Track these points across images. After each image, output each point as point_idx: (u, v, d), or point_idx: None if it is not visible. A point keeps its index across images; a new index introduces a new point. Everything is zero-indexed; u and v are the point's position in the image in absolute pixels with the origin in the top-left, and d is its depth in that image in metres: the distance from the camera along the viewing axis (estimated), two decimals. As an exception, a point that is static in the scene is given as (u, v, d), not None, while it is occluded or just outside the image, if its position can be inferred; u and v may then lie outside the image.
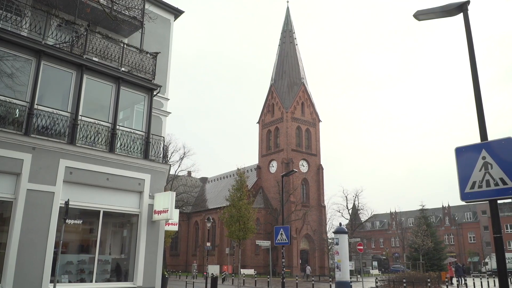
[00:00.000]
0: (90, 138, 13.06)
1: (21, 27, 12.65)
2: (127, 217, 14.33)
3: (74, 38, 13.54)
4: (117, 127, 13.78)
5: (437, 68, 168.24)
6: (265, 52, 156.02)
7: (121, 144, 13.75)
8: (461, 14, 6.28)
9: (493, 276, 47.58)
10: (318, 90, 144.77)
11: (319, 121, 65.74)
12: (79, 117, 12.84)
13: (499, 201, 5.24)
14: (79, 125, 12.78)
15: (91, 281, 12.50)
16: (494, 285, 33.32)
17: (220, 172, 78.50)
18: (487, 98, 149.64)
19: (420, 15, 6.78)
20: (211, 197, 70.01)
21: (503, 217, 76.70)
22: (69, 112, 12.77)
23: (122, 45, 14.60)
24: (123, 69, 14.32)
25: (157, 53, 15.63)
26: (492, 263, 61.34)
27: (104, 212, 13.21)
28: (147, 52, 15.34)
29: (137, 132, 14.45)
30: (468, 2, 6.22)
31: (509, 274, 46.52)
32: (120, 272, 13.83)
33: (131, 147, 14.00)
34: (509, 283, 5.22)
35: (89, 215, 13.40)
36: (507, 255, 59.29)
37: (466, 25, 6.15)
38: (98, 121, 13.40)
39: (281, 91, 64.15)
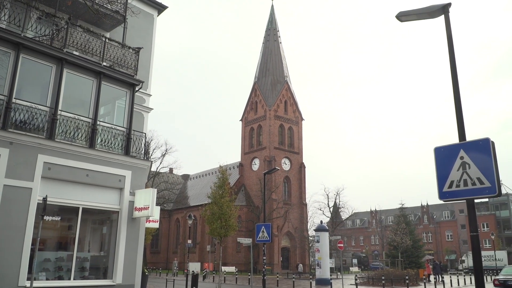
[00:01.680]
0: (70, 133, 12.85)
1: (0, 19, 12.34)
2: (107, 214, 14.16)
3: (54, 31, 13.29)
4: (98, 122, 13.60)
5: (417, 69, 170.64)
6: (250, 50, 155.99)
7: (101, 140, 13.57)
8: (443, 16, 6.36)
9: (470, 273, 48.58)
10: (301, 88, 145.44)
11: (302, 119, 66.04)
12: (59, 112, 12.63)
13: (476, 200, 5.33)
14: (59, 120, 12.57)
15: (69, 279, 12.34)
16: (471, 282, 34.02)
17: (202, 169, 78.28)
18: (465, 99, 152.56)
19: (402, 16, 6.85)
20: (193, 195, 69.71)
21: (479, 216, 78.34)
22: (48, 107, 12.55)
23: (103, 40, 14.39)
24: (104, 63, 14.12)
25: (139, 48, 15.45)
26: (468, 260, 62.61)
27: (83, 208, 13.03)
28: (129, 47, 15.15)
29: (118, 128, 14.28)
30: (449, 5, 6.31)
31: (485, 272, 47.63)
32: (99, 269, 13.68)
33: (111, 143, 13.84)
34: (485, 280, 5.33)
35: (68, 212, 13.20)
36: (483, 253, 60.69)
37: (447, 27, 6.24)
38: (78, 116, 13.20)
39: (264, 89, 64.20)
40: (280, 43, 68.56)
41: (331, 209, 60.59)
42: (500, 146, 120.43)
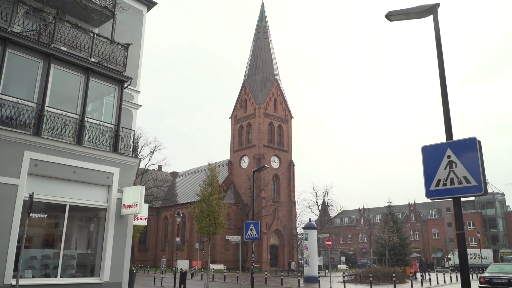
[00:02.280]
0: (57, 129, 12.71)
1: (-15, 13, 12.15)
2: (95, 211, 14.06)
3: (41, 26, 13.11)
4: (86, 119, 13.47)
5: (405, 68, 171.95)
6: (240, 47, 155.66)
7: (89, 137, 13.45)
8: (431, 16, 6.41)
9: (456, 271, 49.16)
10: (290, 87, 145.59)
11: (291, 117, 66.14)
12: (46, 108, 12.48)
13: (462, 199, 5.39)
14: (46, 116, 12.42)
15: (56, 276, 12.22)
16: (457, 280, 34.42)
17: (191, 166, 78.04)
18: (453, 99, 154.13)
19: (392, 16, 6.89)
20: (182, 192, 69.48)
21: (466, 215, 79.33)
22: (35, 103, 12.39)
23: (92, 35, 14.25)
24: (92, 59, 13.98)
25: (128, 44, 15.32)
26: (454, 258, 63.41)
27: (70, 206, 12.91)
28: (118, 43, 15.02)
29: (106, 124, 14.16)
30: (438, 5, 6.35)
31: (471, 270, 48.21)
32: (86, 267, 13.57)
33: (99, 140, 13.72)
34: (471, 278, 5.38)
35: (55, 209, 13.07)
36: (469, 251, 61.45)
37: (435, 27, 6.28)
38: (66, 113, 13.05)
39: (254, 86, 64.17)
40: (270, 41, 68.56)
41: (320, 207, 60.92)
42: (487, 146, 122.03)
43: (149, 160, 57.02)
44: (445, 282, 33.27)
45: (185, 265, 48.95)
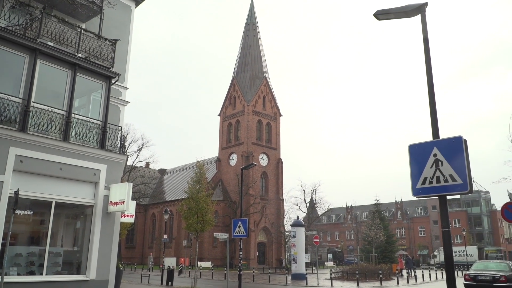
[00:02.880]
0: (43, 125, 12.55)
1: (-30, 6, 11.94)
2: (81, 208, 13.93)
3: (28, 21, 12.92)
4: (72, 115, 13.32)
5: (393, 67, 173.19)
6: (229, 44, 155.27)
7: (76, 133, 13.31)
8: (419, 15, 6.45)
9: (441, 268, 49.80)
10: (279, 84, 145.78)
11: (280, 115, 66.23)
12: (32, 104, 12.31)
13: (448, 197, 5.45)
14: (31, 112, 12.26)
15: (41, 274, 12.10)
16: (442, 277, 34.88)
17: (179, 164, 77.76)
18: (440, 98, 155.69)
19: (380, 15, 6.92)
20: (169, 189, 69.22)
21: (451, 212, 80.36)
22: (20, 98, 12.23)
23: (79, 30, 14.08)
24: (79, 55, 13.82)
25: (116, 40, 15.18)
26: (440, 256, 64.17)
27: (56, 203, 12.77)
28: (105, 39, 14.87)
29: (93, 121, 14.03)
30: (426, 4, 6.39)
31: (456, 267, 48.83)
32: (72, 264, 13.46)
33: (86, 136, 13.59)
34: (456, 275, 5.45)
35: (40, 206, 12.92)
36: (454, 248, 62.31)
37: (423, 26, 6.33)
38: (52, 108, 12.89)
39: (243, 84, 64.09)
40: (260, 38, 68.49)
41: (308, 205, 61.16)
42: (472, 145, 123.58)
43: (137, 157, 56.70)
44: (430, 279, 33.68)
45: (173, 262, 48.74)
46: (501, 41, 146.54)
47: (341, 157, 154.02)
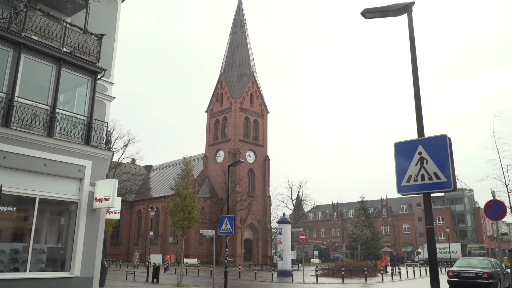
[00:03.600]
0: (27, 121, 12.37)
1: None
2: (66, 204, 13.78)
3: (12, 14, 12.70)
4: (57, 110, 13.15)
5: (379, 66, 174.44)
6: (217, 40, 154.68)
7: (60, 129, 13.15)
8: (406, 14, 6.50)
9: (425, 265, 50.43)
10: (267, 82, 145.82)
11: (267, 112, 66.24)
12: (15, 99, 12.12)
13: (432, 195, 5.50)
14: (15, 107, 12.07)
15: (25, 271, 11.96)
16: (426, 274, 35.29)
17: (166, 160, 77.31)
18: (425, 96, 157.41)
19: (367, 13, 6.95)
20: (156, 186, 68.82)
21: (435, 210, 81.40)
22: (4, 93, 12.03)
23: (64, 25, 13.89)
24: (65, 49, 13.64)
25: (102, 35, 15.01)
26: (424, 252, 64.94)
27: (40, 199, 12.61)
28: (91, 33, 14.69)
29: (78, 116, 13.87)
30: (412, 4, 6.44)
31: (440, 264, 49.48)
32: (57, 261, 13.32)
33: (71, 132, 13.43)
34: (439, 272, 5.51)
35: (24, 202, 12.75)
36: (438, 245, 63.14)
37: (409, 25, 6.37)
38: (36, 104, 12.71)
39: (230, 80, 63.91)
40: (247, 35, 68.30)
41: (294, 202, 61.36)
42: (456, 143, 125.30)
43: (123, 153, 56.30)
44: (414, 276, 34.08)
45: (159, 259, 48.61)
46: (485, 41, 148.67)
47: (328, 155, 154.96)
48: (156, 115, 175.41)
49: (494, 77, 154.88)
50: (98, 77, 14.68)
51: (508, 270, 17.66)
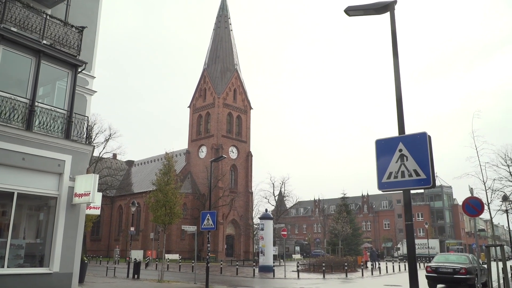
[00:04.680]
0: (5, 114, 12.11)
1: None
2: (45, 199, 13.56)
3: (-10, 5, 12.39)
4: (36, 103, 12.91)
5: (361, 64, 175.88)
6: (201, 35, 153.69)
7: (39, 122, 12.91)
8: (388, 13, 6.55)
9: (404, 260, 51.22)
10: (250, 78, 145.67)
11: (251, 108, 66.19)
12: (-7, 91, 11.84)
13: (412, 191, 5.57)
14: (-7, 100, 11.79)
15: (3, 267, 11.74)
16: (405, 269, 35.85)
17: (148, 155, 76.68)
18: (406, 94, 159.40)
19: (350, 11, 6.99)
20: (137, 181, 68.25)
21: (415, 206, 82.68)
22: (-19, 85, 11.74)
23: (44, 16, 13.61)
24: (44, 42, 13.37)
25: (83, 27, 14.76)
26: (403, 248, 66.01)
27: (18, 193, 12.39)
28: (72, 26, 14.43)
29: (58, 110, 13.64)
30: (395, 2, 6.49)
31: (418, 259, 50.29)
32: (35, 257, 13.11)
33: (51, 126, 13.20)
34: (418, 267, 5.59)
35: (2, 197, 12.51)
36: (417, 241, 64.20)
37: (392, 23, 6.43)
38: (15, 96, 12.45)
39: (214, 76, 63.61)
40: (231, 30, 68.03)
41: (276, 198, 61.57)
42: (436, 141, 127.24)
43: (104, 148, 55.66)
44: (394, 271, 34.59)
45: (140, 255, 48.22)
46: (464, 41, 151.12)
47: (310, 151, 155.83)
48: (138, 110, 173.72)
49: (472, 77, 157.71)
50: (79, 70, 14.45)
51: (485, 266, 18.01)
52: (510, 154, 41.67)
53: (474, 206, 12.89)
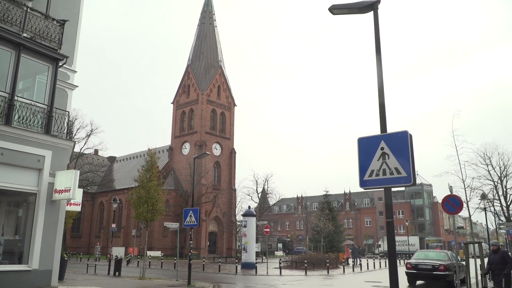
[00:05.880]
0: (-17, 108, 11.85)
1: None
2: (24, 195, 13.33)
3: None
4: (16, 98, 12.66)
5: (344, 62, 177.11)
6: (185, 30, 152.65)
7: (19, 117, 12.67)
8: (372, 12, 6.60)
9: (385, 257, 51.87)
10: (234, 75, 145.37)
11: (235, 105, 66.04)
12: (-30, 84, 11.57)
13: (393, 189, 5.64)
14: (-30, 93, 11.53)
15: (-21, 264, 11.50)
16: (385, 266, 36.31)
17: (130, 152, 75.93)
18: (388, 93, 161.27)
19: (335, 10, 7.03)
20: (119, 177, 67.54)
21: (396, 204, 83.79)
22: (-42, 78, 11.46)
23: (25, 9, 13.34)
24: (25, 35, 13.11)
25: (65, 21, 14.52)
26: (384, 245, 66.83)
27: (-4, 189, 12.14)
28: (53, 19, 14.18)
29: (38, 104, 13.40)
30: (378, 2, 6.55)
31: (398, 256, 50.92)
32: (14, 254, 12.88)
33: (30, 121, 12.97)
34: (398, 264, 5.67)
35: (-21, 193, 12.25)
36: (398, 238, 65.08)
37: (375, 23, 6.48)
38: (-7, 90, 12.18)
39: (197, 72, 63.25)
40: (216, 26, 67.67)
41: (260, 195, 61.72)
42: (417, 140, 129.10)
43: (85, 143, 54.94)
44: (374, 268, 35.01)
45: (121, 252, 47.76)
46: (444, 41, 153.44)
47: (293, 148, 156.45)
48: (121, 106, 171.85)
49: (452, 76, 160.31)
50: (60, 64, 14.22)
51: (464, 263, 18.34)
52: (489, 153, 42.51)
53: (453, 204, 13.12)
